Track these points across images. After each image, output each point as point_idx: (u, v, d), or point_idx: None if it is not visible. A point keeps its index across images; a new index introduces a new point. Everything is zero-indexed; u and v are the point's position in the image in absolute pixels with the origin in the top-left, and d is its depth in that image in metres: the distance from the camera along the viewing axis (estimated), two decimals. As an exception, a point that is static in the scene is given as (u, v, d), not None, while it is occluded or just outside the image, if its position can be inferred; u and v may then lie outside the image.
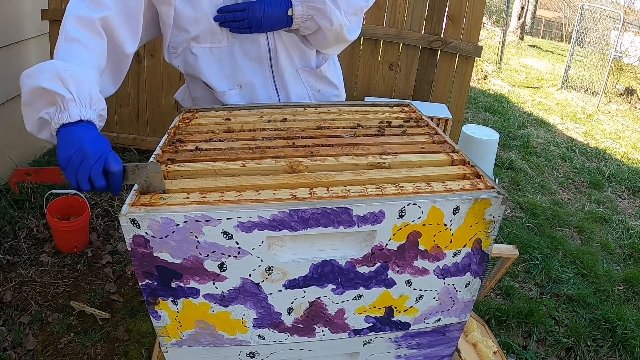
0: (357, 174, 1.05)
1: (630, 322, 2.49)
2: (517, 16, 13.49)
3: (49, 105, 1.01)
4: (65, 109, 1.00)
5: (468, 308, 1.16)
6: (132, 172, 0.98)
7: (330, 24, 1.38)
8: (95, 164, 0.95)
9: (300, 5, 1.36)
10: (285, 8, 1.36)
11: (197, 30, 1.35)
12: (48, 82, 0.99)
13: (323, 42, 1.46)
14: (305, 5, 1.36)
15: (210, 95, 1.51)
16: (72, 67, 1.04)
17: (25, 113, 1.05)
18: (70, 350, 2.08)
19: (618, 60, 8.06)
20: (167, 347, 1.09)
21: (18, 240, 2.64)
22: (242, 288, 1.00)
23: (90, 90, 1.04)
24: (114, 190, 0.99)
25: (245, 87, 1.49)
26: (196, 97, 1.56)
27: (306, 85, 1.57)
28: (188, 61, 1.42)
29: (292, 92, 1.55)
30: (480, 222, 1.01)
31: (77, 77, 1.02)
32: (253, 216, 0.91)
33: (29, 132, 1.07)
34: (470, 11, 3.19)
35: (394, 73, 3.37)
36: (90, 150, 0.96)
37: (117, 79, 1.29)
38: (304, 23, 1.40)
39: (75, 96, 1.00)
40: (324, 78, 1.60)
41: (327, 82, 1.61)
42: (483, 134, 3.11)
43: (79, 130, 0.99)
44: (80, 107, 1.01)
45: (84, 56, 1.11)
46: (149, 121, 3.54)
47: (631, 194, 4.32)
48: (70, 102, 1.00)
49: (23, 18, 3.17)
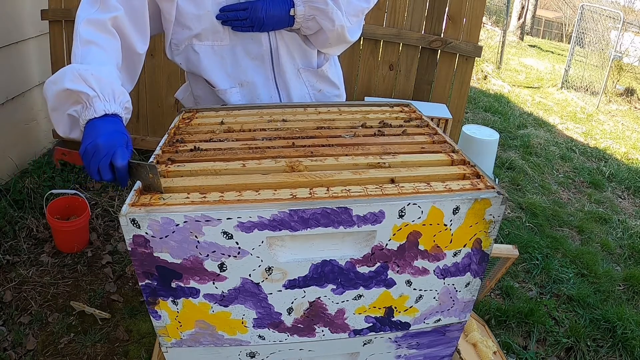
0: (357, 173, 1.05)
1: (630, 322, 2.49)
2: (517, 16, 13.49)
3: (75, 104, 1.07)
4: (91, 105, 1.06)
5: (468, 308, 1.16)
6: (135, 168, 1.01)
7: (332, 25, 1.39)
8: (103, 157, 1.01)
9: (302, 5, 1.37)
10: (288, 8, 1.37)
11: (200, 27, 1.36)
12: (71, 83, 1.05)
13: (324, 43, 1.47)
14: (307, 5, 1.37)
15: (212, 93, 1.52)
16: (92, 66, 1.09)
17: (54, 118, 1.12)
18: (70, 350, 2.08)
19: (618, 60, 8.06)
20: (167, 347, 1.09)
21: (18, 240, 2.64)
22: (242, 288, 1.00)
23: (112, 85, 1.09)
24: (121, 184, 1.04)
25: (247, 85, 1.49)
26: (198, 95, 1.57)
27: (307, 85, 1.58)
28: (190, 59, 1.43)
29: (293, 92, 1.55)
30: (480, 222, 1.01)
31: (98, 75, 1.07)
32: (253, 216, 0.91)
33: (62, 135, 1.15)
34: (470, 11, 3.18)
35: (394, 73, 3.37)
36: (103, 143, 1.01)
37: (133, 77, 1.34)
38: (305, 23, 1.40)
39: (99, 92, 1.06)
40: (325, 78, 1.60)
41: (328, 82, 1.62)
42: (483, 134, 3.11)
43: (102, 124, 1.06)
44: (105, 102, 1.07)
45: (101, 56, 1.15)
46: (149, 121, 3.53)
47: (631, 194, 4.32)
48: (94, 98, 1.06)
49: (23, 18, 3.17)
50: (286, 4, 1.37)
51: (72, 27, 3.85)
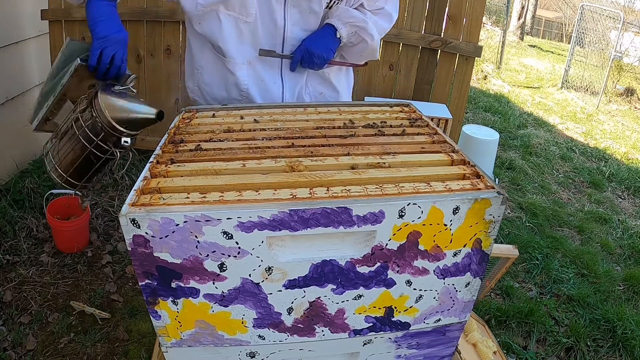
0: (357, 173, 1.05)
1: (630, 322, 2.49)
2: (517, 16, 13.49)
3: None
4: None
5: (468, 308, 1.16)
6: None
7: (371, 39, 1.55)
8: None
9: (344, 27, 1.51)
10: (332, 33, 1.50)
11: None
12: None
13: (357, 55, 1.62)
14: (349, 24, 1.51)
15: (216, 64, 1.55)
16: None
17: None
18: (70, 350, 2.08)
19: (618, 60, 8.05)
20: (167, 347, 1.09)
21: (18, 240, 2.64)
22: (242, 288, 1.00)
23: None
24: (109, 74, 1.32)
25: (254, 65, 1.54)
26: (201, 66, 1.59)
27: (309, 84, 1.64)
28: (210, 24, 1.46)
29: (295, 85, 1.61)
30: (480, 222, 1.01)
31: None
32: (253, 216, 0.91)
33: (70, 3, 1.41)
34: (470, 11, 3.18)
35: (394, 73, 3.37)
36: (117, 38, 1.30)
37: None
38: (349, 39, 1.54)
39: None
40: (328, 81, 1.67)
41: (330, 86, 1.69)
42: (483, 134, 3.11)
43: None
44: None
45: None
46: (149, 121, 3.53)
47: (631, 194, 4.32)
48: None
49: (23, 18, 3.17)
50: (329, 30, 1.50)
51: (72, 27, 3.84)
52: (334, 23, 1.51)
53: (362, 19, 1.53)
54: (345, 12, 1.52)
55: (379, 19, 1.60)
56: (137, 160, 3.47)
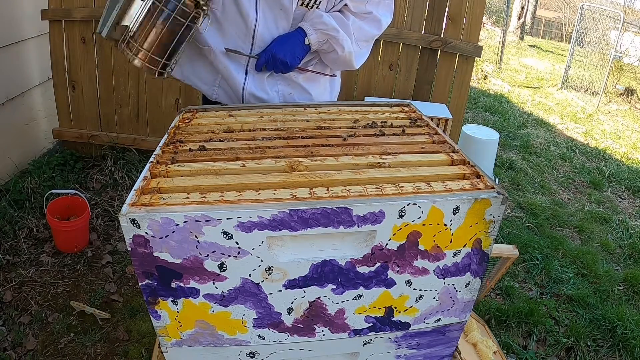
0: (357, 173, 1.05)
1: (630, 322, 2.49)
2: (517, 16, 13.49)
3: None
4: None
5: (468, 308, 1.16)
6: None
7: (341, 50, 1.50)
8: None
9: (314, 33, 1.46)
10: (301, 39, 1.46)
11: None
12: None
13: (332, 62, 1.58)
14: (320, 32, 1.46)
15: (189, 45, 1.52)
16: None
17: None
18: (70, 350, 2.08)
19: (618, 60, 8.05)
20: (167, 347, 1.09)
21: (18, 240, 2.64)
22: (242, 288, 1.00)
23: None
24: None
25: (222, 54, 1.51)
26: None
27: (278, 83, 1.60)
28: None
29: (260, 79, 1.56)
30: (480, 222, 1.01)
31: None
32: (253, 216, 0.91)
33: None
34: (470, 11, 3.18)
35: (394, 73, 3.37)
36: None
37: None
38: (321, 46, 1.50)
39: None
40: (296, 83, 1.62)
41: (298, 87, 1.63)
42: (483, 134, 3.11)
43: None
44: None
45: None
46: (149, 121, 3.53)
47: (631, 194, 4.32)
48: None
49: (23, 18, 3.17)
50: (299, 35, 1.46)
51: (72, 27, 3.84)
52: (305, 28, 1.46)
53: (334, 27, 1.46)
54: (319, 17, 1.46)
55: (364, 24, 1.53)
56: (137, 160, 3.47)
